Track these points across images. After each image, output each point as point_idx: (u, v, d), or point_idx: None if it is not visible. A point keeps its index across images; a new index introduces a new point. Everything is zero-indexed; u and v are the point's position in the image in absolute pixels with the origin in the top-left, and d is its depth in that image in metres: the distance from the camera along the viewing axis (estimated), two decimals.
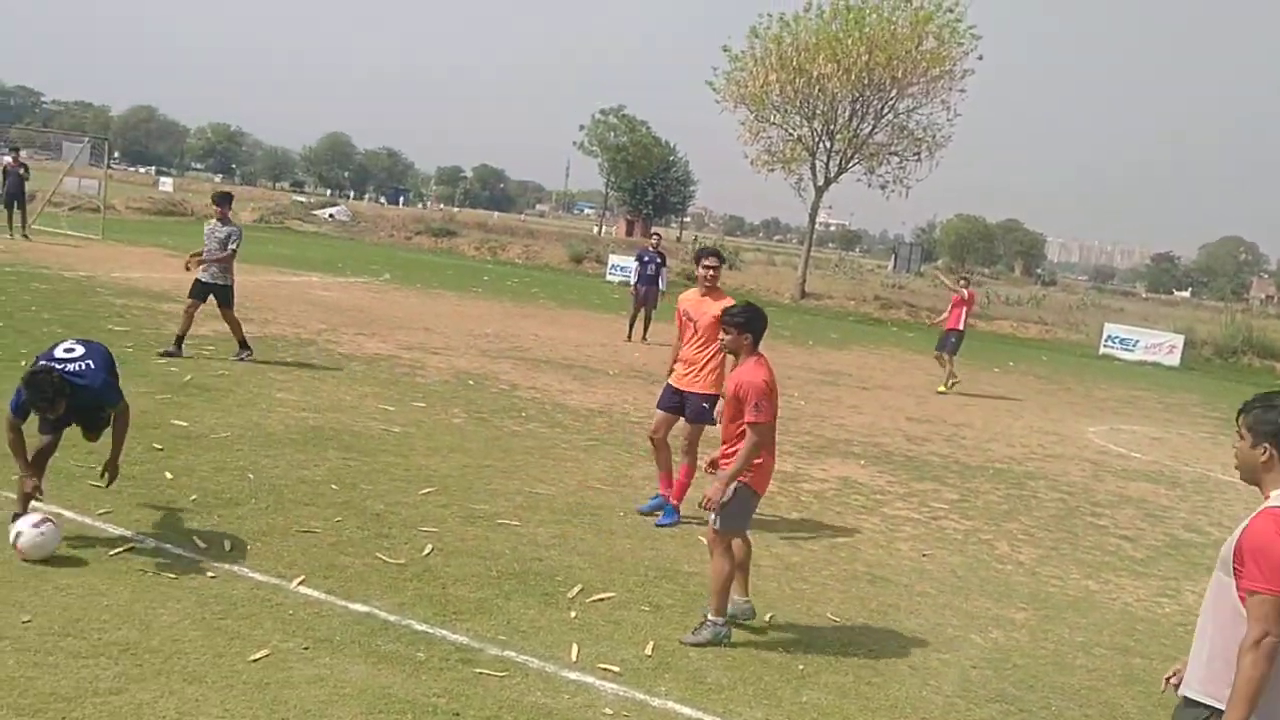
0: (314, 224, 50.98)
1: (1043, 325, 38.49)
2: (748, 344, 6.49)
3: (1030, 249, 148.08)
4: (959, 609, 7.36)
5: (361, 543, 7.11)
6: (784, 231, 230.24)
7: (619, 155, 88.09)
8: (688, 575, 7.36)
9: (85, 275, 18.68)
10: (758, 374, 6.37)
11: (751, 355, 6.49)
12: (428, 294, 25.60)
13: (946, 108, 36.34)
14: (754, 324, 6.50)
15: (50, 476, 7.51)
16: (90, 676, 4.80)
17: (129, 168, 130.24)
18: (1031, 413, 18.25)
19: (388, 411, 11.32)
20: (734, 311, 6.58)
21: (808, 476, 10.99)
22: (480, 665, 5.45)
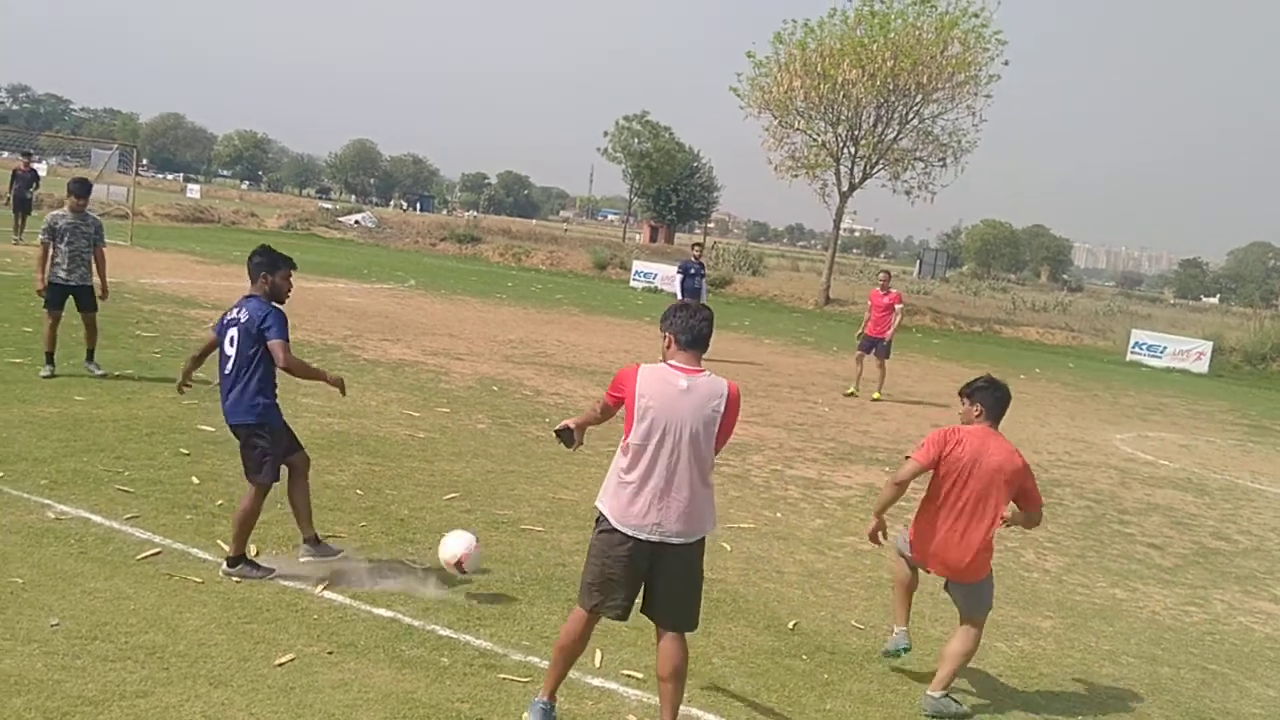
0: (340, 230, 51.23)
1: (1069, 332, 38.24)
2: (973, 412, 6.04)
3: (1057, 254, 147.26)
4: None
5: (386, 548, 7.14)
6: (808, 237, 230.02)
7: (643, 161, 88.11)
8: (710, 582, 7.32)
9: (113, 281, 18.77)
10: (954, 430, 5.99)
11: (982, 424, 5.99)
12: (452, 300, 25.68)
13: (972, 113, 36.23)
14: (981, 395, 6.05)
15: (80, 482, 7.60)
16: (117, 680, 4.83)
17: (157, 174, 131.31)
18: (1058, 419, 18.13)
19: (412, 417, 11.36)
20: (973, 381, 6.19)
21: (831, 483, 10.96)
22: (504, 671, 5.46)
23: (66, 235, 11.07)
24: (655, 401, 4.73)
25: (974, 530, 5.76)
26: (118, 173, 42.10)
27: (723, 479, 10.43)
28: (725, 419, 4.80)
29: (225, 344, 6.41)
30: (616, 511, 4.77)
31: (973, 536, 5.76)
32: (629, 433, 4.77)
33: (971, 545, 5.76)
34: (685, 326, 4.87)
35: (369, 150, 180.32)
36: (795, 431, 13.61)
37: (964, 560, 5.80)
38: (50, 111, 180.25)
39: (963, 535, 5.77)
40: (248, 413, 6.33)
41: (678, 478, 4.71)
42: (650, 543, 4.72)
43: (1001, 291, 62.06)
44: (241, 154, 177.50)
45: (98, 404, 10.04)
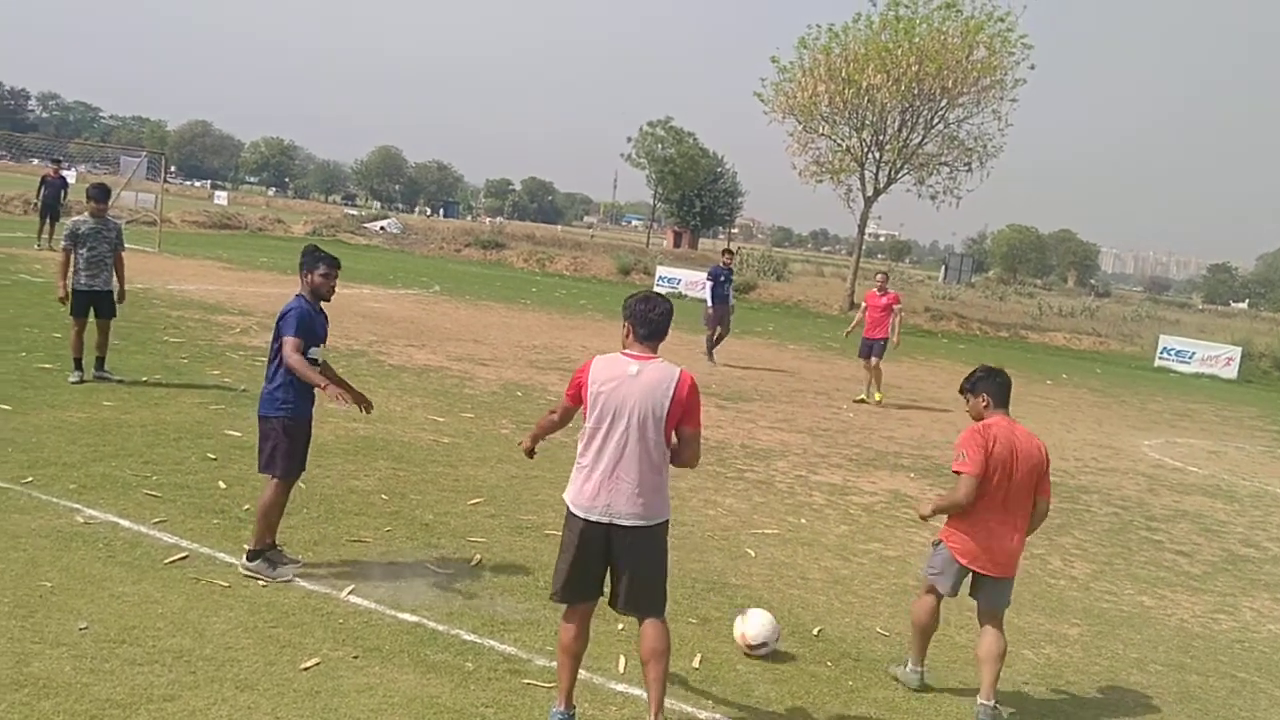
0: (365, 236, 51.47)
1: (1096, 337, 37.98)
2: (980, 404, 5.95)
3: (1084, 259, 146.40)
4: (1011, 624, 7.24)
5: (411, 553, 7.17)
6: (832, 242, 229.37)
7: (666, 167, 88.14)
8: (735, 588, 7.33)
9: (141, 287, 18.99)
10: (984, 428, 5.81)
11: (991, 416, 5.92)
12: (477, 306, 25.76)
13: (998, 117, 36.09)
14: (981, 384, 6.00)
15: (108, 487, 7.66)
16: (145, 683, 4.87)
17: (185, 182, 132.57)
18: (1085, 425, 18.01)
19: (437, 422, 11.40)
20: (969, 376, 6.10)
21: (857, 489, 10.92)
22: (528, 676, 5.47)
23: (88, 241, 11.17)
24: (606, 387, 4.86)
25: (1022, 522, 5.77)
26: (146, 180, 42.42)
27: (747, 485, 10.42)
28: (676, 402, 4.82)
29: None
30: (571, 495, 4.96)
31: (1021, 528, 5.77)
32: (585, 419, 4.93)
33: (1018, 540, 5.77)
34: (644, 319, 4.96)
35: (394, 157, 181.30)
36: (819, 437, 13.58)
37: (1015, 554, 5.80)
38: (80, 119, 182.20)
39: (1014, 529, 5.75)
40: (268, 405, 6.49)
41: (625, 460, 4.81)
42: (601, 525, 4.83)
43: (1028, 296, 61.69)
44: (268, 161, 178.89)
45: (126, 409, 10.12)
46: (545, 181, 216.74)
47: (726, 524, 8.80)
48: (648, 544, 4.89)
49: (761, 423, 14.11)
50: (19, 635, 5.17)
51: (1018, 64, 35.24)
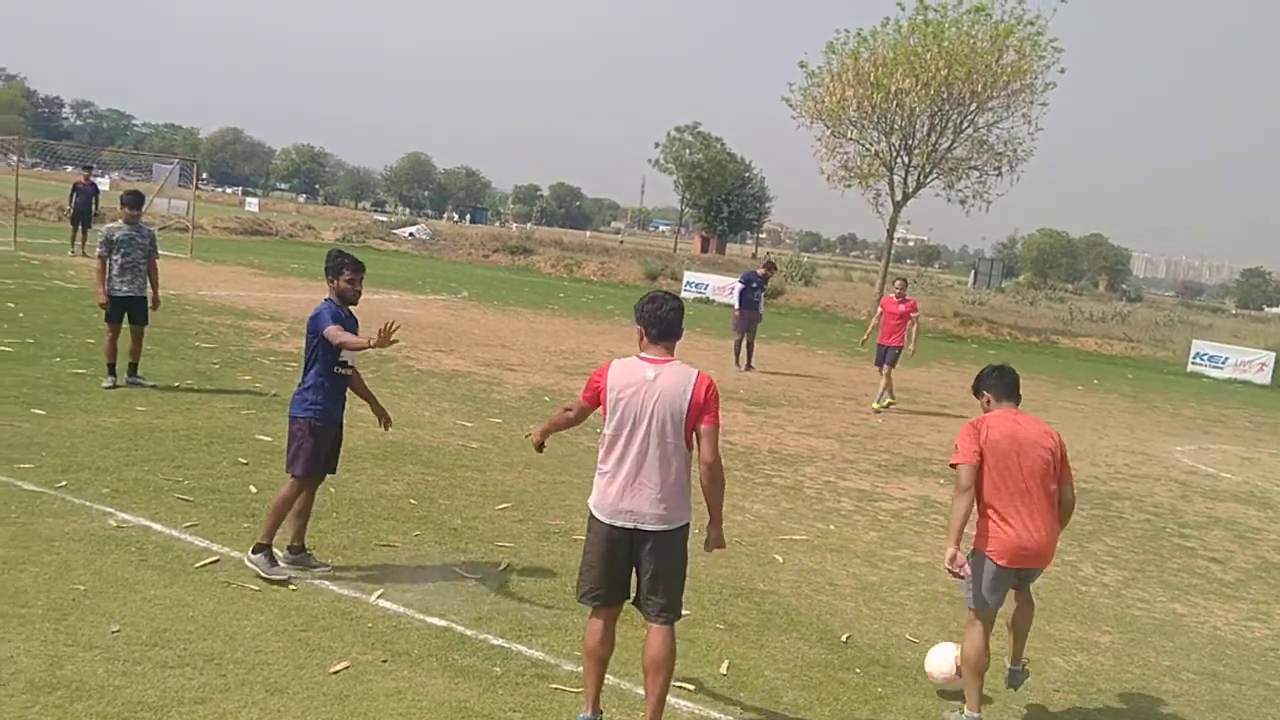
0: (395, 242, 51.76)
1: (1128, 342, 37.68)
2: (985, 403, 5.98)
3: (1115, 264, 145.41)
4: (1041, 631, 7.21)
5: (439, 557, 7.19)
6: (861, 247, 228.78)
7: (694, 172, 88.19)
8: (763, 594, 7.32)
9: (174, 293, 19.16)
10: (979, 420, 5.79)
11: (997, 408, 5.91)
12: (505, 311, 25.84)
13: (1028, 121, 35.87)
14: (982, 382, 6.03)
15: (140, 491, 7.73)
16: (176, 686, 4.91)
17: (216, 188, 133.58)
18: (1117, 431, 17.86)
19: (465, 427, 11.44)
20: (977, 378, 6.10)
21: (886, 495, 10.87)
22: (556, 681, 5.48)
23: (122, 247, 11.28)
24: (624, 393, 4.85)
25: (1047, 508, 5.64)
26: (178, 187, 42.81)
27: (775, 490, 10.40)
28: (694, 404, 4.79)
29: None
30: (595, 500, 4.97)
31: (1048, 515, 5.64)
32: (605, 425, 4.91)
33: (1049, 525, 5.64)
34: (654, 319, 4.95)
35: (423, 163, 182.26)
36: (848, 443, 13.53)
37: (1051, 542, 5.66)
38: (113, 127, 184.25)
39: (1041, 516, 5.62)
40: (298, 406, 6.60)
41: (647, 465, 4.81)
42: (626, 530, 4.84)
43: (1059, 301, 61.29)
44: (299, 167, 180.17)
45: (158, 414, 10.21)
46: (573, 187, 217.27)
47: (754, 530, 8.78)
48: (669, 548, 4.88)
49: (789, 428, 14.08)
50: (52, 638, 5.22)
51: (1048, 68, 35.06)
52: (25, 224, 29.39)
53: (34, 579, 5.92)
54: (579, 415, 5.26)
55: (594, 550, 4.96)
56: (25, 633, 5.24)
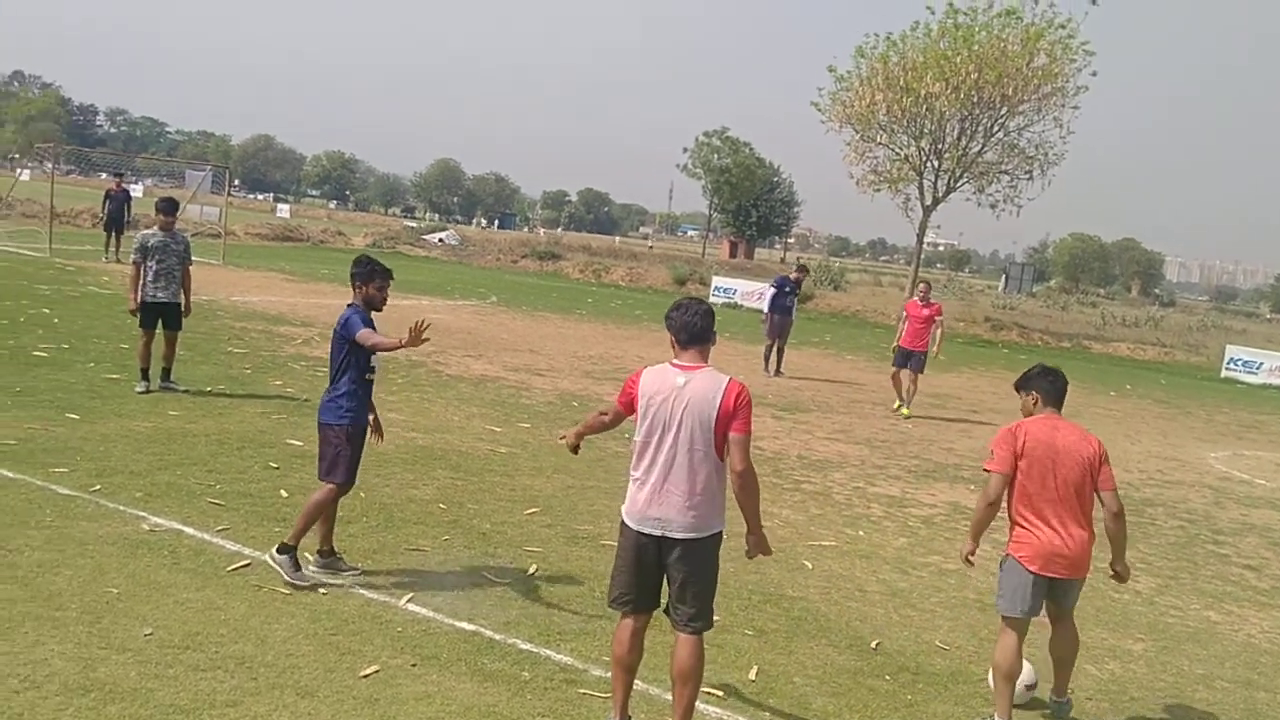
0: (424, 248, 51.99)
1: (1161, 347, 37.33)
2: (1030, 402, 5.89)
3: (1148, 268, 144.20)
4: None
5: (468, 561, 7.21)
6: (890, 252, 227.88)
7: (722, 177, 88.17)
8: (791, 600, 7.29)
9: (206, 299, 19.33)
10: (1017, 425, 5.74)
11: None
12: (533, 316, 25.90)
13: (1059, 125, 35.68)
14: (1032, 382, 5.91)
15: (173, 495, 7.80)
16: (208, 689, 4.94)
17: (248, 195, 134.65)
18: (1150, 437, 17.69)
19: (494, 432, 11.47)
20: (1025, 373, 6.00)
21: (915, 501, 10.82)
22: (584, 686, 5.48)
23: (157, 254, 11.39)
24: (655, 400, 4.83)
25: (1082, 517, 5.58)
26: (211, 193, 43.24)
27: (803, 496, 10.37)
28: (724, 411, 4.73)
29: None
30: (626, 506, 4.95)
31: (1083, 524, 5.59)
32: (636, 432, 4.91)
33: (1083, 534, 5.58)
34: (682, 325, 4.91)
35: (453, 169, 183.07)
36: (878, 448, 13.47)
37: (1085, 552, 5.60)
38: (147, 134, 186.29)
39: (1076, 525, 5.56)
40: (331, 413, 6.60)
41: (675, 472, 4.78)
42: (654, 537, 4.82)
43: (1091, 306, 60.80)
44: (329, 174, 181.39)
45: (191, 419, 10.29)
46: (601, 192, 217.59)
47: (783, 535, 8.75)
48: (699, 556, 4.84)
49: (818, 434, 14.04)
50: (86, 640, 5.27)
51: (1079, 71, 34.86)
52: (60, 230, 29.76)
53: (68, 582, 5.98)
54: (613, 420, 5.27)
55: (624, 556, 4.95)
56: (60, 635, 5.29)
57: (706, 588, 4.90)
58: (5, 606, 5.54)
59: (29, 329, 14.34)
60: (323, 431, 6.65)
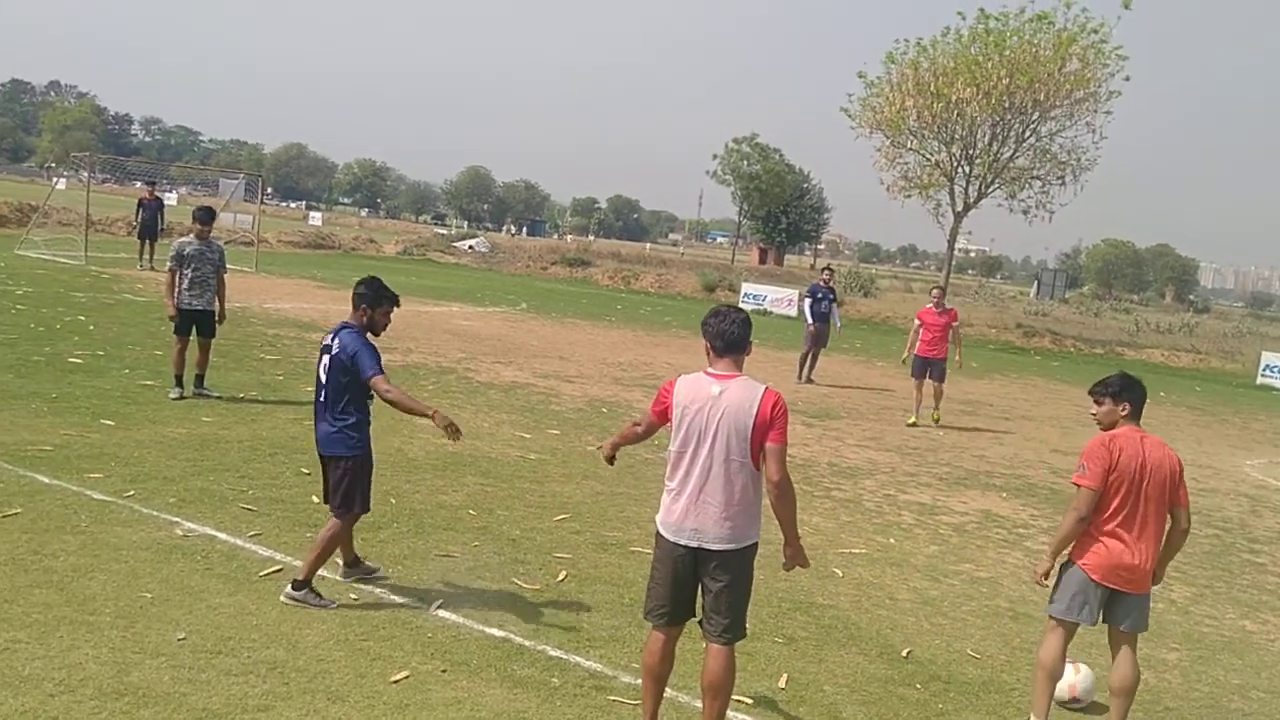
0: (454, 255, 52.21)
1: (1196, 354, 36.96)
2: (1120, 411, 5.74)
3: (1182, 275, 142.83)
4: (1107, 648, 7.07)
5: (498, 568, 7.23)
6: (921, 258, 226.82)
7: (752, 183, 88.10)
8: (822, 608, 7.26)
9: (239, 306, 19.48)
10: (1111, 438, 5.62)
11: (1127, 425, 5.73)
12: (562, 323, 25.95)
13: (1092, 130, 35.41)
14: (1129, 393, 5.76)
15: (206, 501, 7.86)
16: (240, 694, 4.97)
17: (281, 203, 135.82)
18: (1184, 445, 17.50)
19: (523, 438, 11.50)
20: (1109, 381, 5.85)
21: (947, 509, 10.75)
22: (614, 693, 5.47)
23: (193, 262, 11.50)
24: (690, 409, 4.79)
25: (1155, 534, 5.58)
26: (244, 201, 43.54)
27: (834, 503, 10.33)
28: (759, 422, 4.68)
29: (319, 370, 6.36)
30: (661, 517, 4.92)
31: (1154, 541, 5.58)
32: (671, 441, 4.87)
33: (1152, 551, 5.57)
34: (717, 333, 4.86)
35: (483, 177, 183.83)
36: (909, 456, 13.40)
37: (1148, 569, 5.58)
38: (180, 143, 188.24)
39: (1148, 541, 5.55)
40: (342, 445, 6.27)
41: (711, 483, 4.74)
42: (690, 548, 4.78)
43: (1124, 313, 60.28)
44: (361, 182, 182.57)
45: (224, 425, 10.38)
46: (631, 199, 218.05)
47: (813, 543, 8.72)
48: (735, 567, 4.80)
49: (849, 441, 13.98)
50: (120, 645, 5.32)
51: (1112, 75, 34.58)
52: (96, 238, 30.11)
53: (103, 586, 6.04)
54: (647, 430, 5.24)
55: (660, 568, 4.92)
56: (94, 639, 5.34)
57: (741, 599, 4.87)
58: (41, 611, 5.60)
59: (65, 336, 14.51)
60: (332, 464, 6.32)
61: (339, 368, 6.21)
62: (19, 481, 7.76)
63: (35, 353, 12.91)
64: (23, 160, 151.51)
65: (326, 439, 6.31)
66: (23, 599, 5.72)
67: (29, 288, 19.59)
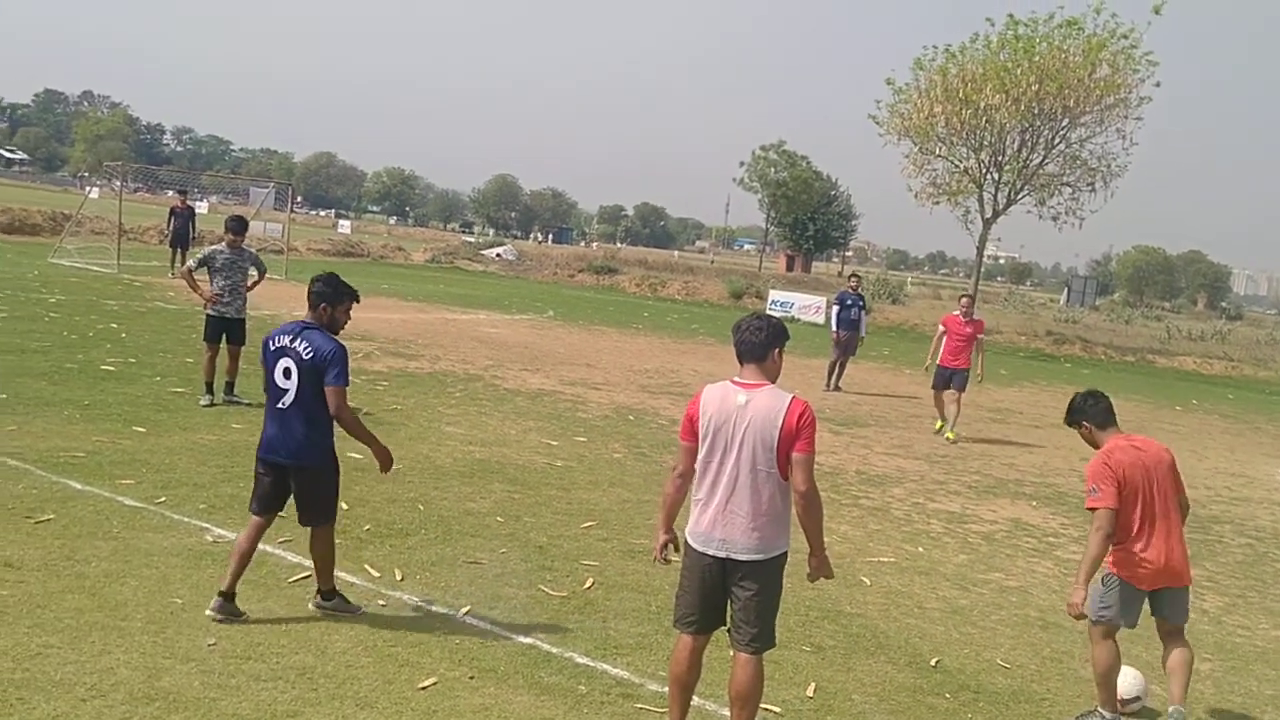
0: (482, 263, 52.42)
1: (1228, 361, 36.59)
2: (1086, 432, 6.03)
3: (1214, 281, 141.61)
4: (1139, 658, 7.00)
5: (525, 574, 7.23)
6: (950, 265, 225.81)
7: (779, 190, 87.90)
8: (850, 616, 7.23)
9: (269, 314, 19.59)
10: (1104, 455, 5.78)
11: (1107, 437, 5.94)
12: (590, 330, 25.98)
13: (1122, 136, 35.16)
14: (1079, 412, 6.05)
15: (236, 507, 7.91)
16: (269, 699, 5.00)
17: (310, 211, 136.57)
18: (1217, 453, 17.34)
19: (550, 446, 11.51)
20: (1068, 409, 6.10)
21: (976, 517, 10.68)
22: (641, 700, 5.47)
23: (225, 270, 11.61)
24: (716, 418, 4.78)
25: (1179, 527, 5.78)
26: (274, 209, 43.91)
27: (862, 511, 10.29)
28: (785, 431, 4.65)
29: (277, 375, 5.99)
30: (690, 527, 4.89)
31: (1179, 532, 5.77)
32: (698, 451, 4.85)
33: (1182, 542, 5.79)
34: (739, 340, 4.89)
35: (510, 185, 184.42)
36: (937, 464, 13.33)
37: (1184, 560, 5.80)
38: (211, 152, 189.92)
39: (1178, 534, 5.76)
40: (316, 455, 6.00)
41: (738, 493, 4.72)
42: (719, 558, 4.76)
43: (1155, 320, 59.73)
44: (389, 190, 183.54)
45: (253, 432, 10.38)
46: (658, 207, 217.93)
47: (841, 551, 8.69)
48: (763, 577, 4.78)
49: (877, 448, 13.92)
50: (151, 650, 5.36)
51: (1142, 81, 34.33)
52: (128, 247, 30.40)
53: (134, 592, 6.09)
54: (687, 468, 4.96)
55: (688, 577, 4.90)
56: (125, 644, 5.39)
57: (769, 608, 4.85)
58: (73, 616, 5.65)
59: (98, 343, 14.65)
60: (307, 474, 6.00)
61: (310, 369, 5.89)
62: (52, 487, 7.84)
63: (68, 360, 13.05)
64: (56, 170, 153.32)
65: (297, 447, 5.95)
66: (55, 604, 5.77)
67: (62, 296, 19.82)
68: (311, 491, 6.05)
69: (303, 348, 5.94)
